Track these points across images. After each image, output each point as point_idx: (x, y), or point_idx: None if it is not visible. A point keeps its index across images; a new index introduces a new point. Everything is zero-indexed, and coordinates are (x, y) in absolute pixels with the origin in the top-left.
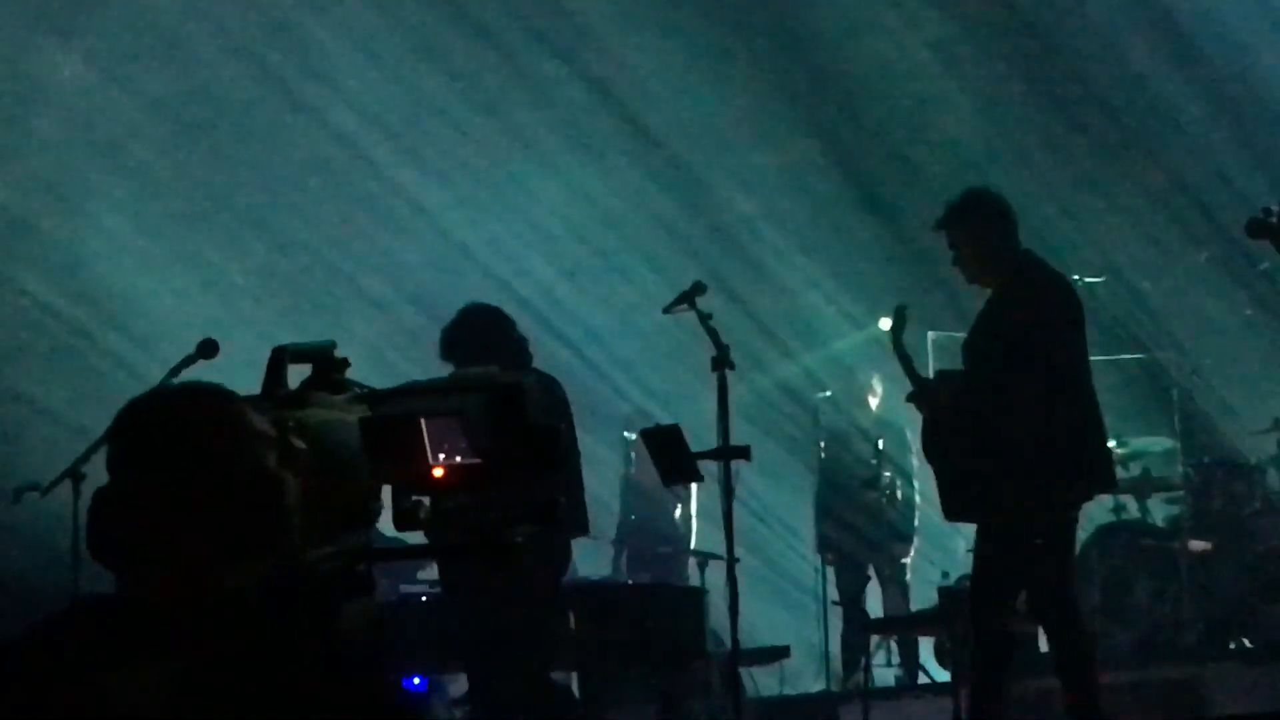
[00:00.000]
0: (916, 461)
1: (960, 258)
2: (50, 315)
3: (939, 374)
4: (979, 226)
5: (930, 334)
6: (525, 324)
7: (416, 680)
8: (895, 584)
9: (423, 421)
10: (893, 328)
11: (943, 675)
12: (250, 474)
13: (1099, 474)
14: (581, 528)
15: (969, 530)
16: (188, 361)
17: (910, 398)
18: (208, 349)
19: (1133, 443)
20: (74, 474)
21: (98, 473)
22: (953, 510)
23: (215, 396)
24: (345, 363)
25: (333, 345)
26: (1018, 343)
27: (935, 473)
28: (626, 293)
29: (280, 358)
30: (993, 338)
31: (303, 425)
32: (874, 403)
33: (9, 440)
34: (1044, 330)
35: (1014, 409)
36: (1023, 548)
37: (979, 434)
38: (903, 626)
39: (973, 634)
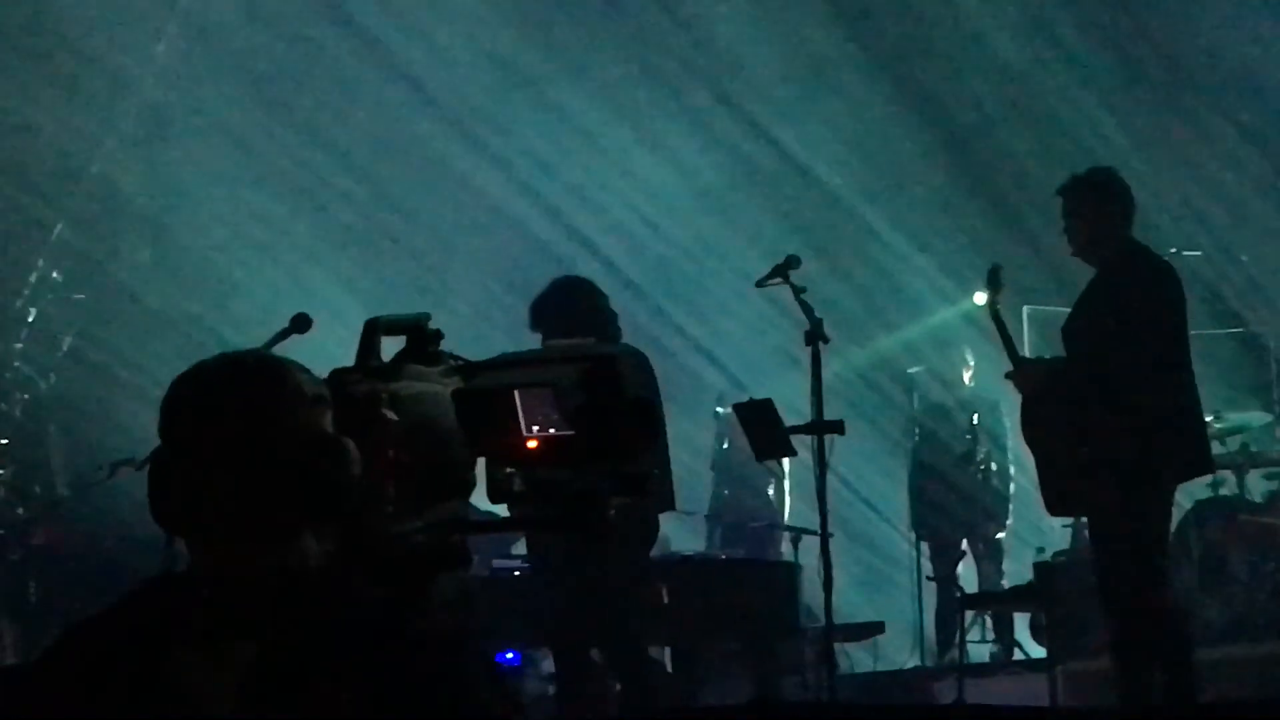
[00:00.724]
0: (1012, 437)
1: (1072, 228)
2: (145, 287)
3: (1039, 359)
4: (1101, 201)
5: (1026, 308)
6: (619, 298)
7: (510, 655)
8: (990, 559)
9: (516, 393)
10: (989, 287)
11: (1038, 651)
12: (301, 440)
13: (1198, 459)
14: (668, 502)
15: None
16: (281, 335)
17: (1008, 375)
18: (301, 323)
19: (1230, 417)
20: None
21: None
22: (1054, 505)
23: (264, 363)
24: (439, 335)
25: (427, 317)
26: (1123, 327)
27: (1036, 461)
28: (721, 267)
29: (373, 329)
30: (1097, 320)
31: (395, 397)
32: (968, 377)
33: (106, 415)
34: (1150, 316)
35: (1117, 394)
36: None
37: (1078, 422)
38: (998, 602)
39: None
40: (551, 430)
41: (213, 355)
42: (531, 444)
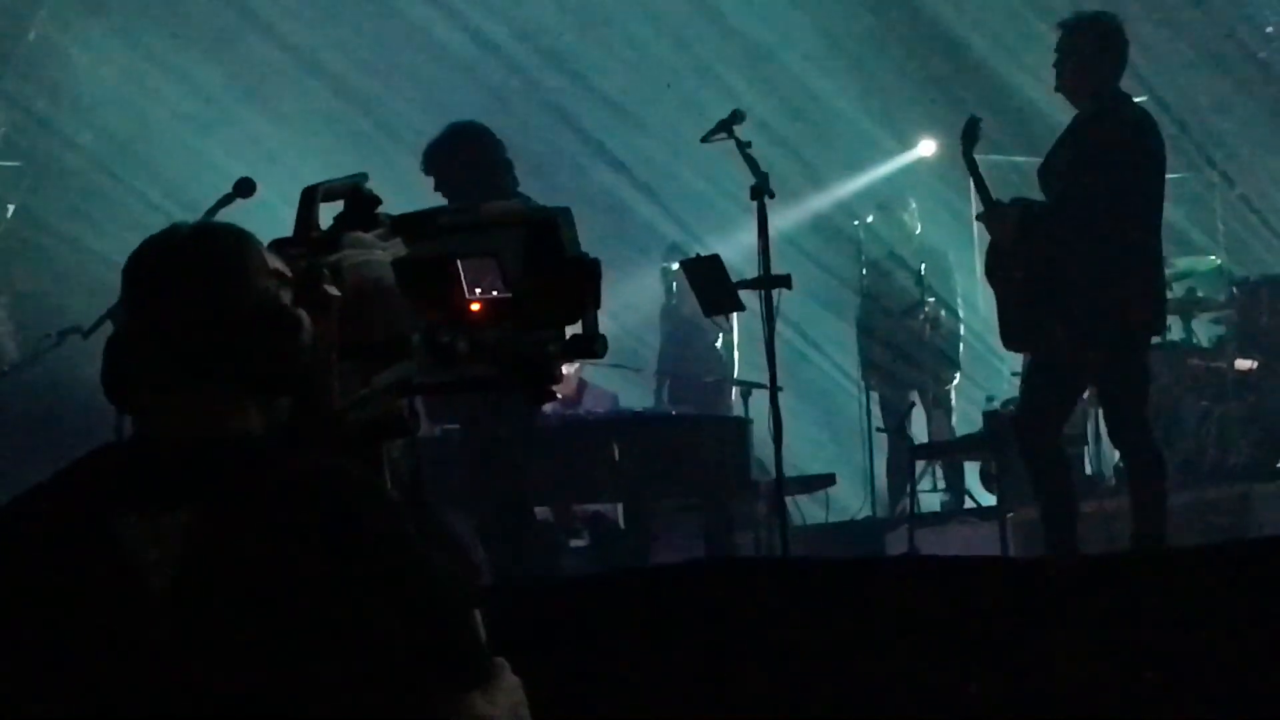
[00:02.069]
0: (960, 287)
1: (1064, 65)
2: (86, 158)
3: (1014, 201)
4: (1100, 42)
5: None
6: (568, 154)
7: None
8: (940, 410)
9: (459, 262)
10: (964, 139)
11: (988, 500)
12: (261, 311)
13: (1157, 319)
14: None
15: (1013, 357)
16: (225, 201)
17: (980, 217)
18: (245, 188)
19: (1178, 263)
20: (115, 316)
21: None
22: (1012, 338)
23: (227, 235)
24: (377, 199)
25: (364, 178)
26: (1105, 174)
27: (997, 298)
28: (664, 122)
29: (311, 197)
30: (1078, 164)
31: (336, 269)
32: (916, 229)
33: (53, 282)
34: (1132, 164)
35: (1089, 239)
36: (1081, 377)
37: (1047, 262)
38: (948, 452)
39: (1026, 463)
40: (495, 293)
41: (167, 221)
42: (475, 307)
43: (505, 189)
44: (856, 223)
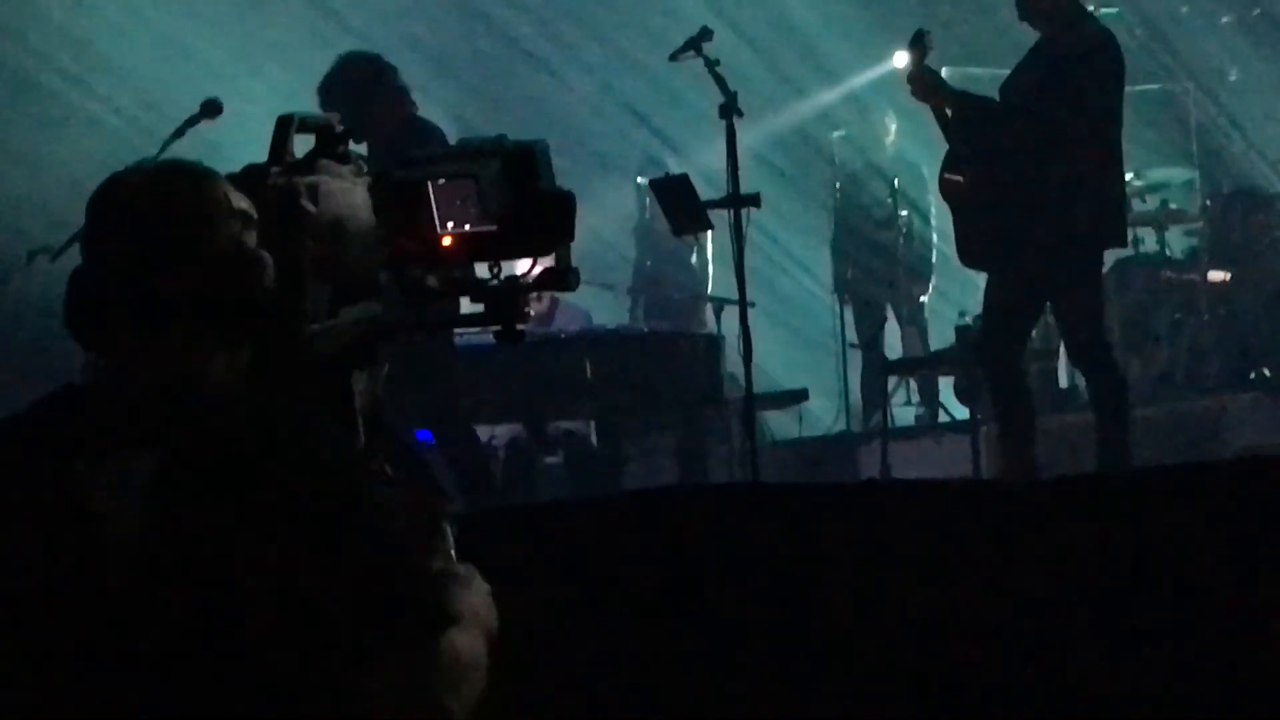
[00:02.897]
0: (934, 200)
1: None
2: (52, 72)
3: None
4: None
5: (944, 70)
6: (533, 72)
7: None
8: (913, 324)
9: (430, 188)
10: (911, 49)
11: (962, 413)
12: (225, 254)
13: (1113, 234)
14: None
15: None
16: (191, 121)
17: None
18: (211, 108)
19: (1150, 174)
20: (82, 247)
21: None
22: (969, 255)
23: (193, 175)
24: (349, 134)
25: (338, 116)
26: (1066, 91)
27: (952, 214)
28: (634, 38)
29: (287, 125)
30: (1038, 81)
31: (313, 190)
32: (889, 141)
33: (21, 200)
34: (1091, 84)
35: (1045, 156)
36: (1038, 295)
37: (1003, 178)
38: (921, 366)
39: (987, 380)
40: (467, 226)
41: (131, 142)
42: (447, 241)
43: (405, 115)
44: (832, 136)
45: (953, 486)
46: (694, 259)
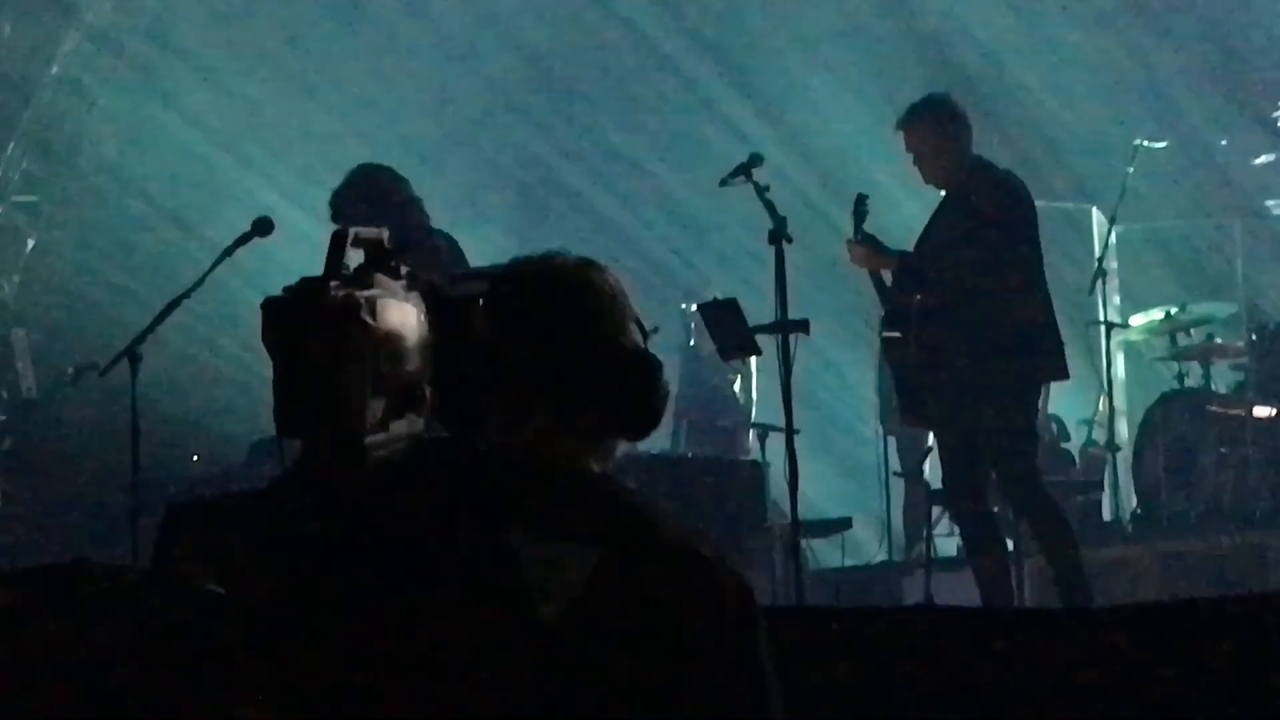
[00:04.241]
0: None
1: (919, 159)
2: (105, 194)
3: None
4: (938, 127)
5: None
6: (581, 192)
7: None
8: None
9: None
10: (853, 216)
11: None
12: (630, 355)
13: (1055, 365)
14: None
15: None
16: (243, 239)
17: (847, 242)
18: (263, 226)
19: (1195, 309)
20: (131, 354)
21: (154, 353)
22: (912, 411)
23: (608, 276)
24: (400, 251)
25: (388, 233)
26: (978, 239)
27: (893, 373)
28: (686, 165)
29: (343, 240)
30: (951, 241)
31: (372, 304)
32: None
33: (71, 318)
34: (1001, 228)
35: (973, 303)
36: (986, 440)
37: (932, 334)
38: None
39: (956, 523)
40: None
41: (185, 260)
42: None
43: (416, 225)
44: None
45: (996, 614)
46: (738, 385)
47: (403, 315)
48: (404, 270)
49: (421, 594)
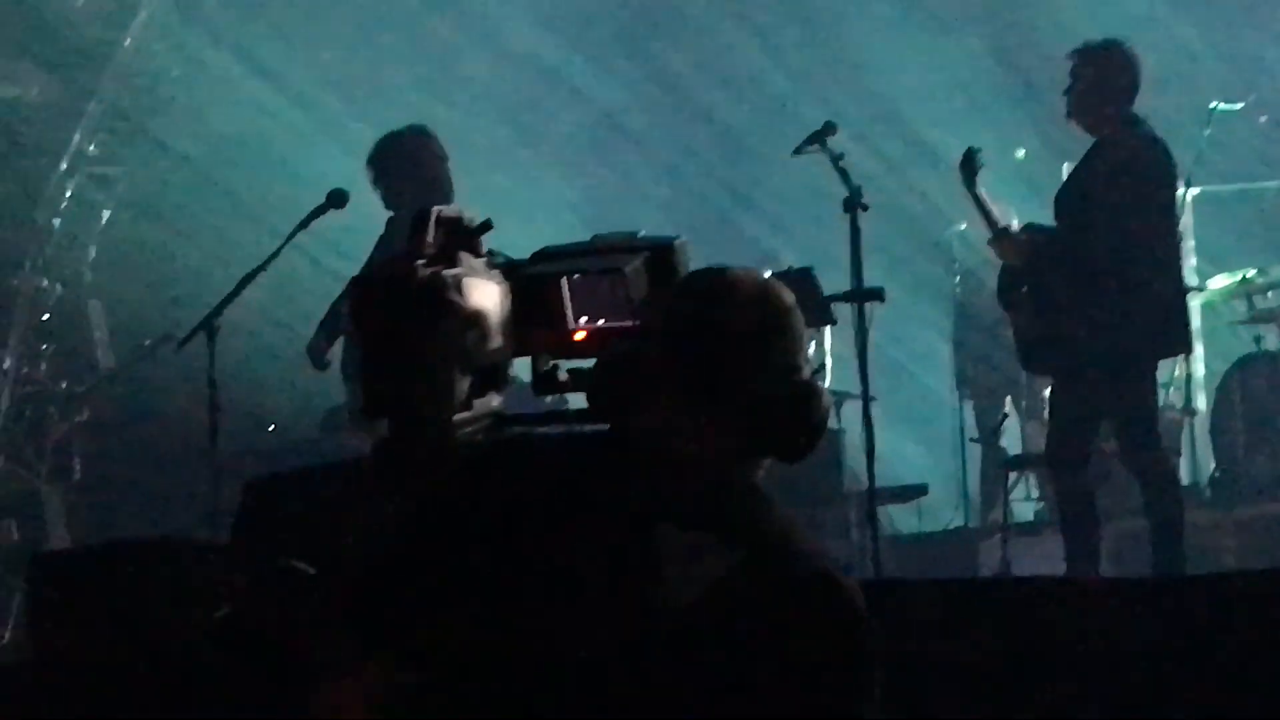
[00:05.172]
0: None
1: (1073, 92)
2: (182, 165)
3: (1026, 226)
4: (1108, 70)
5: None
6: (653, 161)
7: None
8: (1034, 419)
9: (565, 281)
10: (963, 169)
11: None
12: (794, 381)
13: (1178, 337)
14: None
15: None
16: (318, 211)
17: (991, 242)
18: (338, 198)
19: (1273, 271)
20: (209, 327)
21: (231, 325)
22: (1031, 360)
23: (783, 290)
24: (486, 226)
25: (468, 213)
26: (1114, 200)
27: (1013, 323)
28: (758, 134)
29: (427, 218)
30: (1089, 190)
31: (458, 282)
32: None
33: (146, 289)
34: (1141, 191)
35: (1103, 266)
36: (1103, 400)
37: (1064, 287)
38: (1041, 462)
39: (1052, 483)
40: (602, 321)
41: (260, 230)
42: (579, 335)
43: (445, 196)
44: (949, 231)
45: (1082, 584)
46: (811, 351)
47: (486, 293)
48: (484, 248)
49: (538, 578)
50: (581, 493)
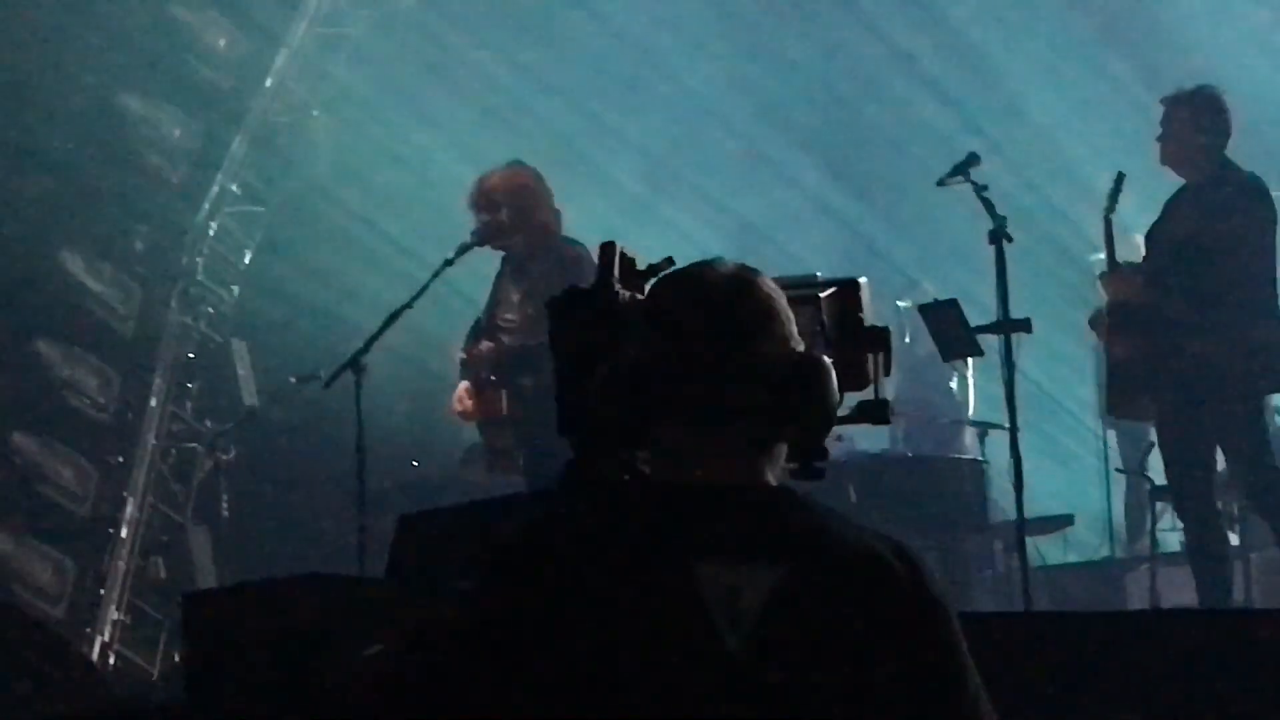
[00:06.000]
0: None
1: (1166, 138)
2: (325, 203)
3: (1137, 266)
4: (1198, 115)
5: None
6: (800, 195)
7: None
8: None
9: None
10: (1110, 194)
11: (1232, 539)
12: (797, 361)
13: (1271, 376)
14: None
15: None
16: (463, 249)
17: (1101, 276)
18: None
19: None
20: (355, 365)
21: (378, 364)
22: (1117, 405)
23: (768, 283)
24: (668, 263)
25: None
26: (1215, 242)
27: (1108, 361)
28: (900, 164)
29: (613, 250)
30: (1181, 228)
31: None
32: None
33: (288, 327)
34: (1240, 233)
35: (1199, 305)
36: (1216, 431)
37: (1161, 332)
38: None
39: (1182, 518)
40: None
41: (404, 266)
42: None
43: (554, 230)
44: (1093, 258)
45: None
46: (955, 382)
47: None
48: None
49: (608, 625)
50: (622, 549)
